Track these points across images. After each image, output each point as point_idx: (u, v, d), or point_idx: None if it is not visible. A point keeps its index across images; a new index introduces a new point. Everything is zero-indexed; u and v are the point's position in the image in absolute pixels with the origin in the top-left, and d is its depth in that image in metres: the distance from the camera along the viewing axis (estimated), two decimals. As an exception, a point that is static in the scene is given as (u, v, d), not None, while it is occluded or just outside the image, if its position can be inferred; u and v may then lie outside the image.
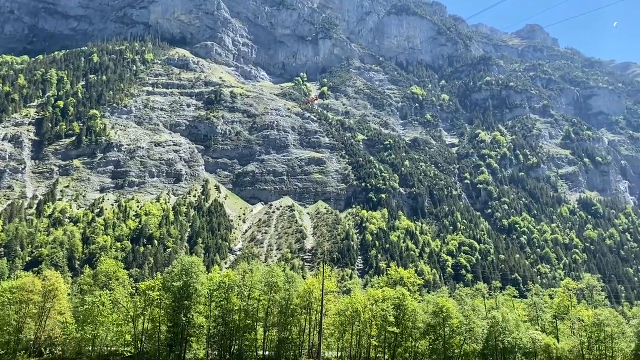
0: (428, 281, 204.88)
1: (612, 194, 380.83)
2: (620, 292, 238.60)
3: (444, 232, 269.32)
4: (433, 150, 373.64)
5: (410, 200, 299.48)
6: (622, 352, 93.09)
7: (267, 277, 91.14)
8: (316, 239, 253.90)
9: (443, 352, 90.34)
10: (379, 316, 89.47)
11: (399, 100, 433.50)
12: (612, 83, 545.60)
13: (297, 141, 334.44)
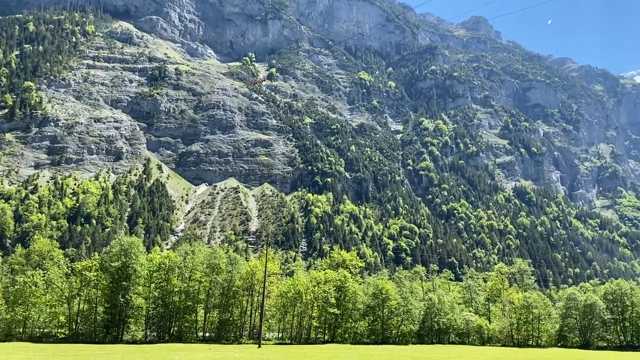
0: (369, 264, 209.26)
1: (545, 184, 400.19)
2: (548, 276, 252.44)
3: (386, 216, 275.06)
4: (379, 136, 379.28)
5: (355, 184, 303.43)
6: (547, 332, 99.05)
7: (209, 259, 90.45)
8: (261, 221, 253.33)
9: (381, 332, 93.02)
10: (321, 298, 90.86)
11: (347, 85, 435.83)
12: (549, 77, 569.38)
13: (244, 122, 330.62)
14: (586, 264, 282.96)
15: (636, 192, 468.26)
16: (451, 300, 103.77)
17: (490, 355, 63.97)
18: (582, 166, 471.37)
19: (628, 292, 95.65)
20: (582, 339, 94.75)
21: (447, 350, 73.23)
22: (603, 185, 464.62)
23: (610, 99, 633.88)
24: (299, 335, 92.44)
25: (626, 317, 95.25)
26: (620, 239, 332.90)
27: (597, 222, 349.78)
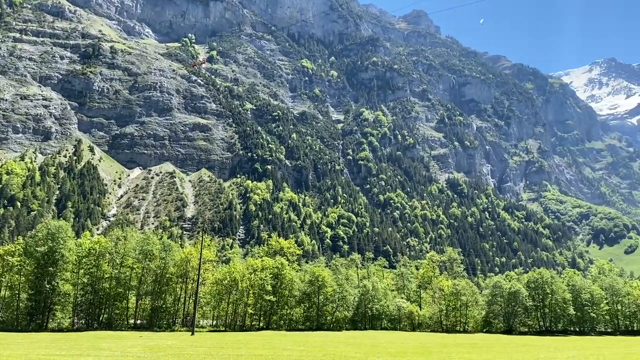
0: (307, 251, 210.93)
1: (477, 176, 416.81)
2: (477, 265, 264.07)
3: (325, 205, 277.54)
4: (320, 125, 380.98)
5: (295, 172, 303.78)
6: (474, 318, 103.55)
7: (142, 245, 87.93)
8: (197, 207, 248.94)
9: (316, 318, 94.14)
10: (257, 285, 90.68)
11: (290, 73, 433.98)
12: (484, 74, 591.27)
13: (182, 105, 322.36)
14: (512, 254, 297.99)
15: (560, 186, 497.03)
16: (385, 287, 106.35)
17: (419, 340, 66.29)
18: (511, 160, 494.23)
19: (549, 281, 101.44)
20: (505, 324, 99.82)
21: (378, 336, 75.20)
22: (530, 179, 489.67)
23: (539, 97, 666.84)
24: (234, 322, 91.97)
25: (546, 304, 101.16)
26: (544, 230, 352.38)
27: (523, 214, 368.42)
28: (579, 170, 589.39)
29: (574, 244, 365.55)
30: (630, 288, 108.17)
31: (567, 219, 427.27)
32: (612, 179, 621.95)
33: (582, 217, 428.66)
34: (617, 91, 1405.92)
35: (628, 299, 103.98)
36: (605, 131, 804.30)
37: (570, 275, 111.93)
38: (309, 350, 46.56)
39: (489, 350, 52.46)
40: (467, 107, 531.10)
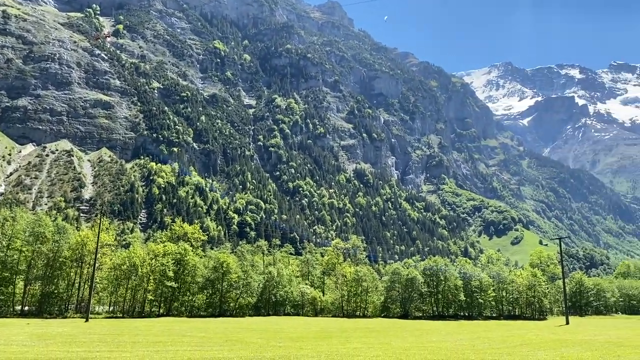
0: (213, 237, 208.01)
1: (382, 167, 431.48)
2: (378, 252, 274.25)
3: (233, 190, 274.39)
4: (231, 108, 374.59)
5: (203, 156, 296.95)
6: (373, 304, 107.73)
7: (32, 227, 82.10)
8: (96, 188, 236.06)
9: (219, 305, 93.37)
10: (158, 271, 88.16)
11: (201, 53, 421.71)
12: (392, 69, 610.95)
13: (83, 80, 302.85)
14: (411, 242, 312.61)
15: (456, 180, 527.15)
16: (290, 273, 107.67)
17: (320, 325, 67.97)
18: (414, 154, 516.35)
19: (443, 268, 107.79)
20: (402, 309, 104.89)
21: (281, 321, 76.13)
22: (430, 172, 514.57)
23: (442, 95, 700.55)
24: (132, 308, 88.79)
25: (439, 291, 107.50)
26: (441, 221, 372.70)
27: (422, 205, 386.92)
28: (474, 165, 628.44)
29: (467, 234, 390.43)
30: (514, 276, 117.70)
31: (462, 210, 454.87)
32: (504, 175, 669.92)
33: (475, 210, 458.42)
34: (511, 93, 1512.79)
35: (512, 287, 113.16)
36: (499, 130, 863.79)
37: (463, 264, 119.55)
38: (210, 337, 46.21)
39: (386, 334, 54.95)
40: (376, 100, 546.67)
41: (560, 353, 35.74)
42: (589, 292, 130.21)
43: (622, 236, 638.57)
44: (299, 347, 38.08)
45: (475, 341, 46.02)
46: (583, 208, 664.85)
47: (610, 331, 63.10)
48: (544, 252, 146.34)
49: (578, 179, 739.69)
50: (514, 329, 69.23)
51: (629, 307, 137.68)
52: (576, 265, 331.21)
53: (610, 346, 41.07)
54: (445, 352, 35.38)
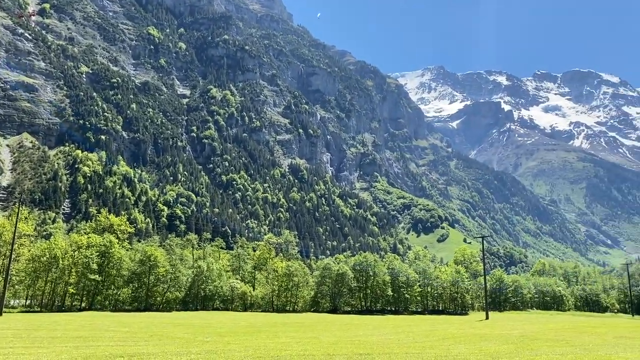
0: (141, 230, 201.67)
1: (317, 164, 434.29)
2: (310, 247, 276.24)
3: (164, 182, 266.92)
4: (163, 97, 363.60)
5: (132, 145, 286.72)
6: (303, 298, 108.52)
7: (-59, 215, 76.28)
8: (16, 176, 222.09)
9: (145, 299, 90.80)
10: (81, 263, 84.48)
11: (134, 39, 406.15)
12: (330, 66, 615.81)
13: (3, 59, 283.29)
14: (342, 238, 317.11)
15: (388, 178, 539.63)
16: (220, 268, 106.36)
17: (249, 320, 67.64)
18: (348, 151, 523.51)
19: (372, 264, 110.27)
20: (331, 304, 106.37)
21: (209, 316, 75.08)
22: (363, 170, 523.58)
23: (377, 95, 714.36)
24: (52, 302, 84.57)
25: (368, 286, 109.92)
26: (372, 218, 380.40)
27: (355, 202, 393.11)
28: (405, 165, 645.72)
29: (397, 231, 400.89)
30: (439, 273, 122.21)
31: (392, 208, 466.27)
32: (432, 175, 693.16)
33: (404, 208, 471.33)
34: (443, 96, 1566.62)
35: (437, 282, 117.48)
36: (430, 131, 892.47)
37: (391, 260, 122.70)
38: (135, 331, 44.82)
39: (314, 328, 55.50)
40: (313, 96, 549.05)
41: (479, 347, 37.50)
42: (508, 289, 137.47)
43: (539, 236, 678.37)
44: (226, 342, 37.73)
45: (401, 335, 47.41)
46: (505, 208, 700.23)
47: (526, 326, 66.95)
48: (468, 250, 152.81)
49: (501, 181, 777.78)
50: (437, 323, 71.91)
51: (543, 303, 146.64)
52: (497, 263, 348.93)
53: (525, 340, 43.57)
54: (372, 346, 36.22)
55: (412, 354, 31.78)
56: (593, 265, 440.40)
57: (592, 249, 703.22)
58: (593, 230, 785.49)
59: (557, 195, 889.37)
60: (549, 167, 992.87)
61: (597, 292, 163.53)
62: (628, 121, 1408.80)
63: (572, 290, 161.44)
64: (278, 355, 29.84)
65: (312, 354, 30.70)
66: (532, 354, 32.55)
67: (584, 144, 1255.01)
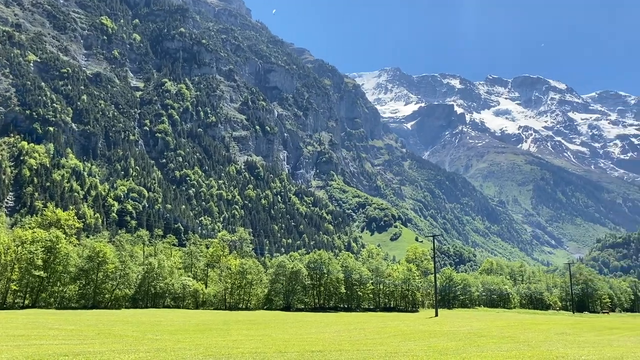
0: (89, 225, 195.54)
1: (273, 161, 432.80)
2: (265, 245, 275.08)
3: (114, 176, 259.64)
4: (116, 89, 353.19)
5: (82, 138, 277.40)
6: (257, 296, 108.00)
7: None
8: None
9: (93, 296, 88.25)
10: (25, 259, 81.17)
11: (86, 28, 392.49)
12: (288, 63, 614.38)
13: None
14: (298, 236, 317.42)
15: (344, 177, 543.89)
16: (172, 265, 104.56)
17: (201, 318, 66.83)
18: (305, 149, 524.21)
19: (326, 262, 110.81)
20: (285, 302, 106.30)
21: (160, 314, 73.71)
22: (320, 168, 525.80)
23: (335, 94, 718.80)
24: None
25: (322, 283, 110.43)
26: (327, 216, 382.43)
27: (311, 200, 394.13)
28: (361, 164, 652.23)
29: (351, 229, 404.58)
30: (391, 270, 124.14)
31: (347, 206, 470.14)
32: (387, 175, 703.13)
33: (359, 206, 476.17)
34: (398, 98, 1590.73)
35: (389, 280, 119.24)
36: (385, 132, 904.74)
37: (345, 258, 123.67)
38: (81, 329, 43.50)
39: (267, 326, 55.42)
40: (271, 93, 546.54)
41: (429, 343, 38.41)
42: (457, 287, 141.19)
43: (487, 236, 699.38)
44: (176, 339, 37.18)
45: (352, 332, 47.97)
46: (455, 208, 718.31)
47: (473, 323, 68.99)
48: (419, 249, 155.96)
49: (453, 182, 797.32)
50: (388, 320, 73.11)
51: (490, 301, 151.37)
52: (447, 262, 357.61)
53: (473, 337, 44.92)
54: (323, 343, 36.49)
55: (363, 351, 32.24)
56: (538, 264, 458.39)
57: (537, 249, 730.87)
58: (538, 230, 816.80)
59: (505, 196, 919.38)
60: (498, 169, 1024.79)
61: (541, 290, 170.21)
62: (573, 126, 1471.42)
63: (517, 289, 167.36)
64: (229, 353, 29.66)
65: (264, 352, 30.68)
66: (479, 351, 33.60)
67: (532, 147, 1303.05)
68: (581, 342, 40.90)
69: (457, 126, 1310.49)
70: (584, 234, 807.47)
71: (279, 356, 29.02)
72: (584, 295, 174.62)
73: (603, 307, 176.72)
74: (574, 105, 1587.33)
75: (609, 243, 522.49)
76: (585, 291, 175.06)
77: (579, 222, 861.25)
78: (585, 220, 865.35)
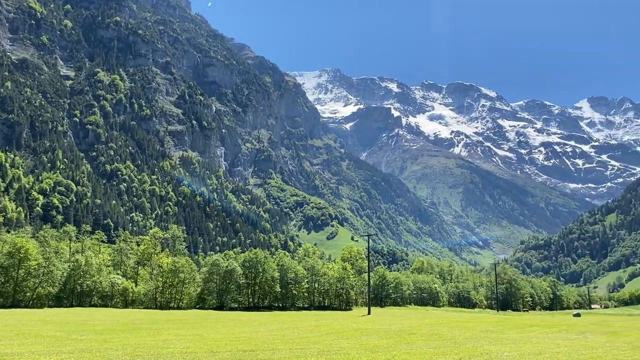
0: (11, 220, 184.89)
1: (210, 157, 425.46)
2: (199, 243, 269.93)
3: (40, 168, 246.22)
4: (44, 77, 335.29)
5: (5, 127, 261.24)
6: (189, 295, 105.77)
7: None
8: None
9: (13, 295, 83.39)
10: None
11: (11, 11, 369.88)
12: (228, 59, 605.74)
13: None
14: (233, 234, 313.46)
15: (283, 175, 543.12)
16: (100, 262, 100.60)
17: (130, 317, 64.70)
18: (244, 146, 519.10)
19: (262, 261, 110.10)
20: (218, 301, 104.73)
21: (86, 313, 70.68)
22: (258, 166, 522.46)
23: (275, 92, 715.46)
24: None
25: (257, 282, 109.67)
26: (264, 214, 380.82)
27: (248, 198, 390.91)
28: (300, 163, 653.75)
29: (288, 228, 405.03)
30: (326, 269, 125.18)
31: (285, 205, 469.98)
32: (325, 174, 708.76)
33: (297, 205, 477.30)
34: (338, 98, 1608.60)
35: (324, 279, 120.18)
36: (325, 132, 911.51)
37: (281, 257, 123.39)
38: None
39: (199, 325, 54.45)
40: (209, 88, 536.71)
41: (361, 341, 39.04)
42: (390, 285, 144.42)
43: (419, 236, 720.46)
44: (103, 340, 35.79)
45: (286, 331, 47.99)
46: (390, 209, 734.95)
47: (404, 321, 70.80)
48: (355, 248, 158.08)
49: (388, 183, 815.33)
50: (322, 318, 73.71)
51: (421, 299, 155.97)
52: (381, 260, 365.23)
53: (403, 334, 46.09)
54: (256, 343, 36.29)
55: (296, 349, 32.33)
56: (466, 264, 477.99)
57: (465, 249, 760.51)
58: (467, 231, 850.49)
59: (437, 198, 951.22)
60: (431, 171, 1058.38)
61: (469, 289, 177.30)
62: (502, 133, 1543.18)
63: (446, 288, 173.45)
64: (159, 354, 28.89)
65: (194, 352, 30.11)
66: (409, 348, 34.52)
67: (463, 152, 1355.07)
68: (504, 339, 42.92)
69: (393, 129, 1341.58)
70: (509, 235, 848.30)
71: (210, 356, 28.57)
72: (508, 294, 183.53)
73: (525, 305, 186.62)
74: (503, 113, 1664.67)
75: (531, 245, 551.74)
76: (509, 290, 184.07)
77: (505, 224, 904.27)
78: (510, 223, 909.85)
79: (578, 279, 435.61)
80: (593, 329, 57.63)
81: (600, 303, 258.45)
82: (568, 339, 43.66)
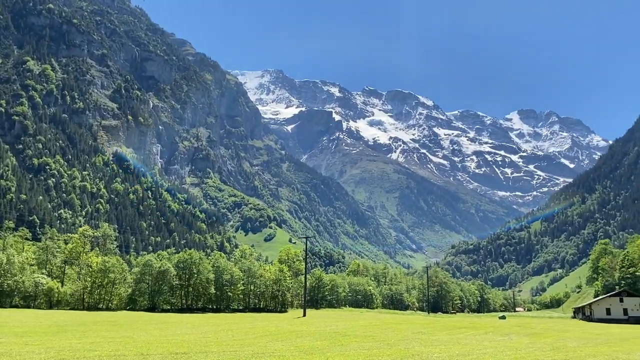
0: None
1: (145, 154, 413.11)
2: (131, 242, 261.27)
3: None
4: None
5: None
6: (119, 296, 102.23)
7: None
8: None
9: None
10: None
11: None
12: (168, 54, 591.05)
13: None
14: (167, 234, 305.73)
15: (221, 175, 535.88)
16: (23, 261, 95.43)
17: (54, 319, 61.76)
18: (181, 144, 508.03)
19: (197, 262, 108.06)
20: (150, 302, 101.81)
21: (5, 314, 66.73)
22: (195, 165, 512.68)
23: (216, 90, 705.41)
24: None
25: (191, 284, 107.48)
26: (201, 214, 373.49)
27: (184, 197, 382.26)
28: (239, 163, 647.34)
29: (225, 229, 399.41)
30: (263, 271, 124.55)
31: (223, 205, 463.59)
32: (265, 175, 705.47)
33: (235, 206, 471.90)
34: (280, 100, 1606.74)
35: (260, 281, 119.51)
36: (265, 133, 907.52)
37: (217, 258, 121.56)
38: None
39: (129, 327, 52.77)
40: (147, 83, 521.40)
41: (295, 343, 39.18)
42: (326, 287, 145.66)
43: (356, 238, 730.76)
44: (24, 342, 33.97)
45: (220, 333, 47.39)
46: (329, 212, 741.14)
47: (339, 323, 71.64)
48: (292, 250, 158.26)
49: (327, 186, 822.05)
50: (257, 320, 73.32)
51: (356, 301, 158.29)
52: (318, 263, 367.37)
53: (337, 336, 46.64)
54: (189, 345, 35.63)
55: (230, 352, 32.02)
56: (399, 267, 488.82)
57: (400, 252, 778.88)
58: (402, 235, 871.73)
59: (374, 202, 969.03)
60: (369, 176, 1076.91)
61: (401, 291, 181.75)
62: (437, 141, 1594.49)
63: (380, 290, 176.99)
64: (85, 357, 27.80)
65: (124, 354, 29.19)
66: (343, 350, 35.01)
67: (400, 157, 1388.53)
68: (434, 340, 44.37)
69: (334, 133, 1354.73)
70: (441, 239, 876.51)
71: (140, 359, 27.79)
72: (439, 297, 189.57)
73: (454, 307, 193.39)
74: (439, 121, 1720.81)
75: (462, 249, 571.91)
76: (440, 293, 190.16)
77: (438, 228, 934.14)
78: (443, 227, 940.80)
79: (504, 282, 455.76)
80: (517, 331, 60.68)
81: (524, 306, 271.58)
82: (494, 341, 45.75)
